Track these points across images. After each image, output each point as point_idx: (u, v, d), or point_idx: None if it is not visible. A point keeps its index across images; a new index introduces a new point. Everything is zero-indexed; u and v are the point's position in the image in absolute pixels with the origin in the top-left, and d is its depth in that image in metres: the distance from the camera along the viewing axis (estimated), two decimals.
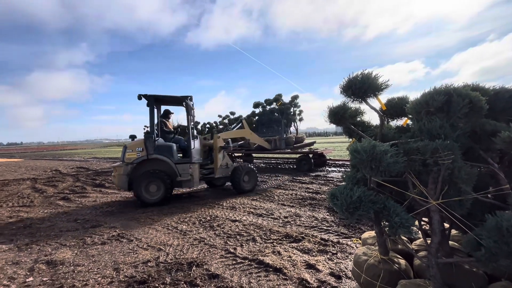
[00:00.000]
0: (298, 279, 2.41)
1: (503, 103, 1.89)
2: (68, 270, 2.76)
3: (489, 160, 1.66)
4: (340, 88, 1.91)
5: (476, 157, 1.74)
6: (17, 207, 5.72)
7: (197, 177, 5.69)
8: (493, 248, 1.28)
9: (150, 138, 5.37)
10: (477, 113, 1.58)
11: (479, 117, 1.65)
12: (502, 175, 1.62)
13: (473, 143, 1.72)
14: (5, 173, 13.09)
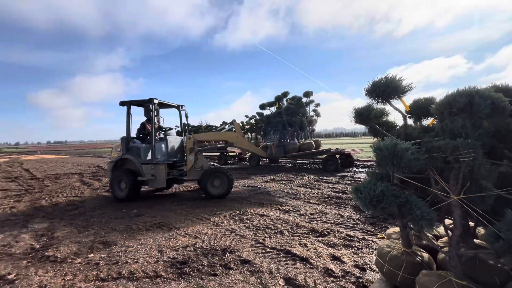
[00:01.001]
0: (324, 269, 2.58)
1: None
2: (120, 249, 3.20)
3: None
4: (365, 90, 2.06)
5: (500, 156, 1.79)
6: (71, 197, 6.50)
7: (161, 177, 5.70)
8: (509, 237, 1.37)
9: (124, 140, 6.04)
10: (500, 113, 1.64)
11: (503, 117, 1.71)
12: None
13: (497, 142, 1.78)
14: (56, 168, 14.63)
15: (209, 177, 5.79)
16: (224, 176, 5.84)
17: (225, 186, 5.83)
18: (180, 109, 6.88)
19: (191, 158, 5.91)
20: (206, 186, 5.76)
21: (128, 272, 2.63)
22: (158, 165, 5.74)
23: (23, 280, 2.56)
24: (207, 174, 5.80)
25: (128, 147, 6.06)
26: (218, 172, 5.84)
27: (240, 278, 2.49)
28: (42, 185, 8.53)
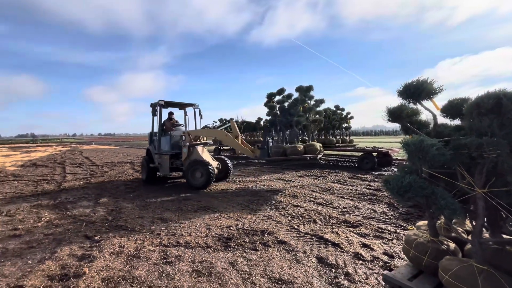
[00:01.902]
0: (354, 253, 2.85)
1: None
2: (175, 225, 3.80)
3: None
4: (397, 92, 2.27)
5: None
6: (129, 182, 7.49)
7: (166, 165, 6.74)
8: None
9: (150, 134, 7.50)
10: None
11: None
12: None
13: None
14: (110, 157, 16.49)
15: (189, 169, 6.29)
16: (204, 170, 6.18)
17: (204, 178, 6.17)
18: (193, 107, 7.85)
19: (184, 150, 6.70)
20: (187, 177, 6.34)
21: (184, 242, 3.19)
22: (163, 155, 6.84)
23: (106, 241, 3.25)
24: (189, 166, 6.33)
25: (151, 140, 7.43)
26: (198, 165, 6.25)
27: (278, 255, 2.87)
28: (102, 171, 9.85)
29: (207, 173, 6.16)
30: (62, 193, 6.09)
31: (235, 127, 7.55)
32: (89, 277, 2.43)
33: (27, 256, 2.88)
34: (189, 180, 6.33)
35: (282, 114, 8.19)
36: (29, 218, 4.20)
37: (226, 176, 7.43)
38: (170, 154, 6.77)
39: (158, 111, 7.00)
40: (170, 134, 7.20)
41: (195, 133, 7.04)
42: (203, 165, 6.23)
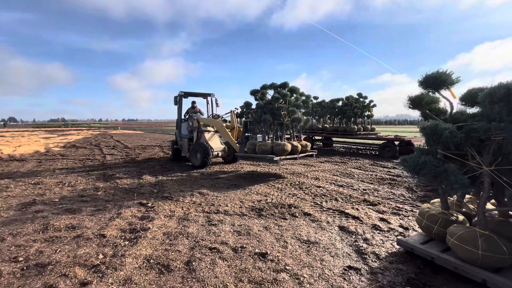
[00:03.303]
0: (372, 225, 3.25)
1: None
2: (212, 197, 4.37)
3: None
4: (417, 82, 2.56)
5: None
6: (162, 162, 8.23)
7: (185, 147, 7.83)
8: None
9: (177, 120, 8.53)
10: None
11: None
12: None
13: None
14: (138, 141, 17.58)
15: (192, 151, 7.24)
16: (201, 151, 6.97)
17: (201, 159, 6.97)
18: (210, 97, 8.92)
19: (194, 134, 7.67)
20: (190, 158, 7.31)
21: (223, 210, 3.74)
22: (183, 138, 8.01)
23: (158, 207, 3.87)
24: (192, 148, 7.28)
25: (178, 125, 8.52)
26: (198, 147, 7.06)
27: (304, 223, 3.33)
28: (136, 153, 10.74)
29: (204, 154, 6.90)
30: (107, 170, 6.90)
31: (233, 119, 7.65)
32: (153, 231, 3.04)
33: (99, 216, 3.55)
34: (191, 160, 7.28)
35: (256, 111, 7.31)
36: (89, 189, 4.95)
37: (234, 160, 8.18)
38: (188, 138, 7.91)
39: (179, 101, 8.20)
40: (188, 121, 8.21)
41: (201, 120, 7.82)
42: (201, 147, 6.99)
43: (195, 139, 7.60)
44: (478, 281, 2.02)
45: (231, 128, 7.57)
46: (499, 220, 2.37)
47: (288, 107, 6.04)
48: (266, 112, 6.06)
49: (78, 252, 2.55)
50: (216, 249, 2.63)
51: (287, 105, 6.09)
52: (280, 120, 6.02)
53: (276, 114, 5.98)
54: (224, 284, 2.09)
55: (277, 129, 6.17)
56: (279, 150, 5.66)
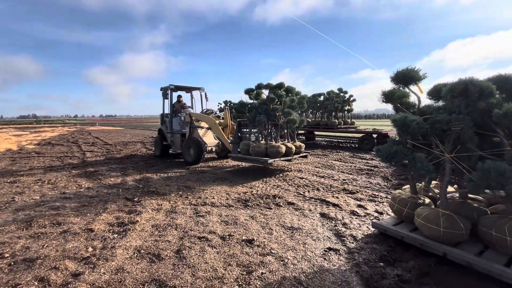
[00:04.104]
0: (350, 211, 3.49)
1: None
2: (199, 191, 4.45)
3: (497, 129, 2.36)
4: (390, 78, 2.79)
5: (489, 128, 2.44)
6: (145, 158, 8.13)
7: (177, 143, 7.63)
8: (478, 181, 2.12)
9: (161, 115, 8.35)
10: (487, 97, 2.30)
11: (490, 100, 2.35)
12: (505, 140, 2.32)
13: (487, 118, 2.42)
14: (119, 137, 17.10)
15: (185, 146, 7.06)
16: (195, 146, 6.77)
17: (195, 154, 6.79)
18: (199, 91, 8.64)
19: (186, 129, 7.42)
20: (183, 153, 7.15)
21: (210, 202, 3.84)
22: (175, 134, 7.72)
23: (144, 201, 3.91)
24: (185, 144, 7.08)
25: (163, 120, 8.33)
26: (191, 142, 6.87)
27: (288, 212, 3.52)
28: (117, 149, 10.49)
29: (197, 150, 6.73)
30: (88, 167, 6.74)
31: (227, 117, 7.36)
32: (141, 223, 3.10)
33: (84, 211, 3.54)
34: (184, 156, 7.14)
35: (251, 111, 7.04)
36: (71, 186, 4.86)
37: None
38: (181, 133, 7.61)
39: (169, 95, 7.83)
40: (180, 115, 7.90)
41: (194, 116, 7.55)
42: (195, 142, 6.80)
43: (188, 134, 7.35)
44: (440, 254, 2.29)
45: (224, 125, 7.27)
46: (459, 201, 2.67)
47: (283, 108, 5.94)
48: (261, 112, 5.93)
49: (67, 246, 2.57)
50: (205, 238, 2.75)
51: (282, 105, 5.99)
52: (274, 121, 5.93)
53: (270, 115, 5.87)
54: (213, 268, 2.22)
55: (272, 129, 6.10)
56: (273, 152, 5.54)
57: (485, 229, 2.26)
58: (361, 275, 2.13)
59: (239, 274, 2.14)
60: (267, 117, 5.87)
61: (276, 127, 6.06)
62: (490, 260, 2.08)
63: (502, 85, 2.55)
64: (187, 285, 2.00)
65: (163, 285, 2.00)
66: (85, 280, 2.05)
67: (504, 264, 2.03)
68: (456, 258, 2.21)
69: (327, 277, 2.11)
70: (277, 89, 6.21)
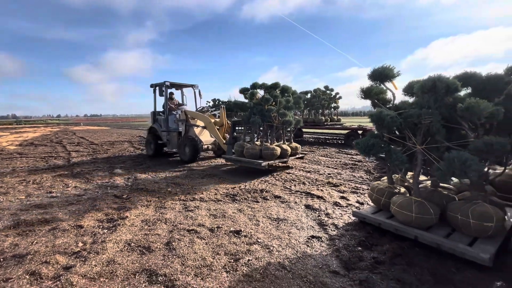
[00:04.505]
0: (334, 202, 3.68)
1: (491, 85, 2.72)
2: (188, 187, 4.53)
3: (462, 122, 2.58)
4: (367, 75, 2.96)
5: (456, 121, 2.66)
6: (133, 157, 8.09)
7: (174, 141, 7.39)
8: (445, 170, 2.32)
9: (153, 113, 8.11)
10: (453, 92, 2.50)
11: (455, 95, 2.56)
12: (469, 132, 2.54)
13: (454, 112, 2.64)
14: (105, 137, 16.78)
15: (181, 145, 6.93)
16: (191, 145, 6.69)
17: (190, 152, 6.70)
18: (194, 88, 8.39)
19: (182, 127, 7.23)
20: (179, 152, 7.04)
21: (199, 197, 3.93)
22: (171, 132, 7.46)
23: (133, 198, 3.95)
24: (181, 142, 6.95)
25: (155, 119, 8.04)
26: (187, 140, 6.76)
27: (274, 204, 3.66)
28: (104, 149, 10.34)
29: (193, 148, 6.67)
30: (74, 166, 6.66)
31: (222, 116, 7.13)
32: (131, 219, 3.16)
33: (73, 209, 3.55)
34: (180, 155, 7.06)
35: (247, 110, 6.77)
36: (57, 185, 4.82)
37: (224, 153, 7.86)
38: (177, 132, 7.36)
39: (164, 92, 7.44)
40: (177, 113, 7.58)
41: (190, 114, 7.38)
42: (191, 141, 6.73)
43: (184, 132, 7.20)
44: (412, 238, 2.49)
45: (220, 124, 7.08)
46: (430, 190, 2.89)
47: (278, 109, 5.75)
48: (256, 113, 5.75)
49: (56, 242, 2.61)
50: (194, 230, 2.85)
51: (278, 106, 5.80)
52: (270, 122, 5.76)
53: (266, 116, 5.69)
54: (202, 257, 2.32)
55: (267, 130, 5.91)
56: (268, 154, 5.36)
57: (452, 214, 2.48)
58: (341, 258, 2.29)
59: (227, 262, 2.26)
60: (262, 118, 5.69)
61: (272, 128, 5.88)
62: (455, 241, 2.29)
63: (467, 81, 2.78)
64: (177, 273, 2.10)
65: (154, 274, 2.09)
66: (77, 272, 2.11)
67: (468, 244, 2.25)
68: (426, 241, 2.41)
69: (309, 261, 2.26)
70: (273, 89, 6.04)
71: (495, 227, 2.24)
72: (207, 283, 1.98)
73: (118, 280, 2.04)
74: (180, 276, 2.05)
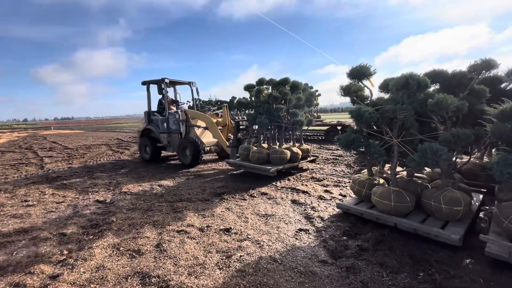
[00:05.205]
0: (318, 196, 3.83)
1: (456, 81, 2.97)
2: (174, 188, 4.49)
3: (432, 116, 2.80)
4: (346, 73, 3.12)
5: (428, 115, 2.88)
6: (112, 161, 7.82)
7: (175, 144, 6.66)
8: (419, 160, 2.50)
9: (146, 113, 7.24)
10: (423, 89, 2.71)
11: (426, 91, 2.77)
12: (439, 126, 2.76)
13: (425, 107, 2.85)
14: (80, 140, 16.01)
15: (180, 147, 6.34)
16: (191, 147, 6.11)
17: (191, 156, 6.12)
18: (191, 85, 7.83)
19: (182, 128, 6.60)
20: (179, 155, 6.44)
21: (186, 198, 3.92)
22: (172, 133, 6.78)
23: (117, 203, 3.86)
24: (180, 144, 6.36)
25: (150, 119, 7.27)
26: (188, 143, 6.20)
27: (262, 201, 3.74)
28: (79, 153, 9.88)
29: (194, 151, 6.09)
30: (49, 173, 6.32)
31: (226, 115, 6.60)
32: (117, 223, 3.09)
33: (52, 217, 3.41)
34: (180, 158, 6.45)
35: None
36: (33, 193, 4.57)
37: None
38: (179, 133, 6.68)
39: (164, 89, 6.75)
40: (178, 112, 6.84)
41: (190, 113, 6.76)
42: (191, 143, 6.16)
43: (184, 133, 6.62)
44: (392, 225, 2.68)
45: (222, 125, 6.62)
46: (406, 179, 3.10)
47: (288, 108, 5.19)
48: (262, 113, 5.16)
49: (39, 251, 2.51)
50: (184, 231, 2.86)
51: (287, 104, 5.22)
52: (278, 122, 5.21)
53: (273, 116, 5.13)
54: (194, 257, 2.35)
55: (275, 132, 5.40)
56: (277, 158, 4.83)
57: (426, 201, 2.69)
58: (328, 248, 2.42)
59: (219, 259, 2.30)
60: (270, 118, 5.12)
61: (280, 129, 5.29)
62: (430, 226, 2.49)
63: (436, 78, 3.01)
64: (170, 273, 2.11)
65: (147, 276, 2.09)
66: (65, 280, 2.06)
67: (440, 227, 2.46)
68: (404, 227, 2.60)
69: (299, 253, 2.37)
70: (282, 86, 5.42)
71: (463, 210, 2.46)
72: (201, 281, 2.02)
73: (110, 285, 2.01)
74: (174, 276, 2.07)
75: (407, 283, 1.90)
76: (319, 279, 2.00)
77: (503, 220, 2.10)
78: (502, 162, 1.97)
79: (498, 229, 2.21)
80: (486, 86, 2.95)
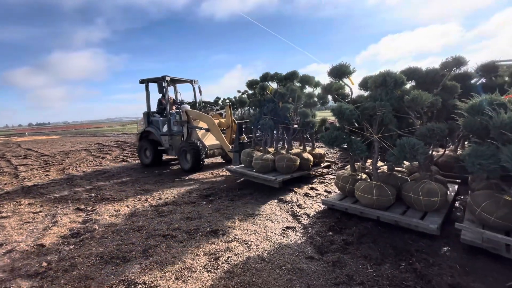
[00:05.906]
0: (304, 193, 3.89)
1: (430, 78, 3.11)
2: (158, 192, 4.40)
3: (409, 112, 2.92)
4: (327, 72, 3.18)
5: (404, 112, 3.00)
6: (93, 167, 7.55)
7: (177, 147, 6.13)
8: (398, 155, 2.60)
9: (146, 114, 6.88)
10: (399, 86, 2.82)
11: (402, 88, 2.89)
12: (415, 121, 2.88)
13: (402, 103, 2.97)
14: (57, 146, 15.31)
15: (180, 151, 5.93)
16: (191, 151, 5.67)
17: (192, 161, 5.69)
18: (193, 83, 7.36)
19: (184, 130, 6.23)
20: (180, 161, 6.01)
21: (171, 202, 3.86)
22: (175, 136, 6.34)
23: (100, 209, 3.73)
24: (180, 147, 5.92)
25: (150, 121, 6.85)
26: (188, 146, 5.75)
27: (249, 201, 3.75)
28: (57, 160, 9.45)
29: (195, 155, 5.62)
30: (25, 182, 6.01)
31: (229, 116, 6.10)
32: (100, 231, 2.99)
33: (29, 228, 3.24)
34: (180, 162, 6.03)
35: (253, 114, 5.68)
36: (6, 204, 4.32)
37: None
38: (182, 135, 6.28)
39: (165, 88, 6.33)
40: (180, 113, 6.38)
41: (192, 114, 6.32)
42: (191, 146, 5.69)
43: (185, 135, 6.19)
44: (375, 218, 2.77)
45: (226, 126, 6.20)
46: (387, 174, 3.22)
47: (296, 107, 4.44)
48: (267, 113, 4.50)
49: (16, 265, 2.39)
50: (170, 235, 2.81)
51: (296, 103, 4.46)
52: (285, 124, 4.53)
53: (280, 116, 4.45)
54: (182, 260, 2.32)
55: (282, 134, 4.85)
56: (284, 166, 4.16)
57: (406, 193, 2.80)
58: (314, 244, 2.46)
59: (207, 262, 2.29)
60: (276, 119, 4.47)
61: (288, 131, 4.66)
62: (410, 217, 2.60)
63: (411, 75, 3.15)
64: (156, 279, 2.07)
65: (132, 283, 2.04)
66: None
67: (420, 218, 2.57)
68: (386, 219, 2.70)
69: (286, 251, 2.40)
70: (289, 81, 4.67)
71: (440, 201, 2.59)
72: (189, 285, 2.00)
73: None
74: (161, 282, 2.04)
75: (390, 274, 1.97)
76: (307, 275, 2.03)
77: (476, 208, 2.23)
78: (473, 154, 2.08)
79: (471, 217, 2.34)
80: (458, 82, 3.11)
